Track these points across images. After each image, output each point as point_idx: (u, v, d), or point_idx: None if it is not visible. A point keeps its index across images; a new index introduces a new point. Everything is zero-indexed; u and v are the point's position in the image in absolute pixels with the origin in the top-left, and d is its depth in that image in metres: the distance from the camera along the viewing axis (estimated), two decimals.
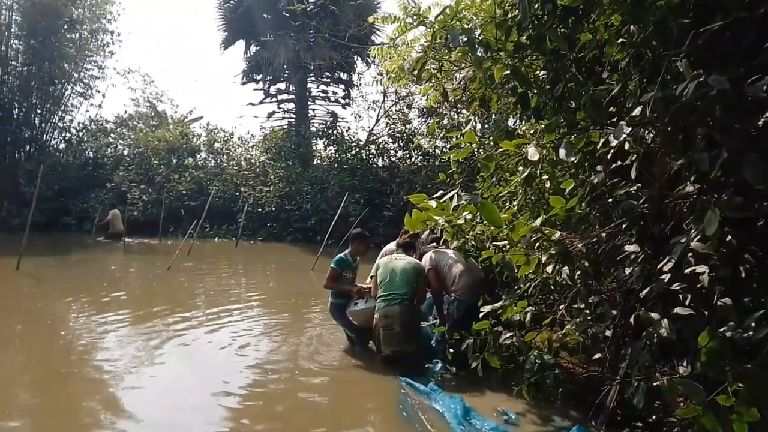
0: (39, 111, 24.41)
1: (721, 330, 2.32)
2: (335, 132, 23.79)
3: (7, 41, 23.01)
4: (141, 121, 27.24)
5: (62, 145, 25.56)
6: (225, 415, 4.07)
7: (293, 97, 25.42)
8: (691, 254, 2.80)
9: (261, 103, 25.73)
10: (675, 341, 3.07)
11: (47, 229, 19.83)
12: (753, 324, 2.27)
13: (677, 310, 2.80)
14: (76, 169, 23.65)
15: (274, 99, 25.69)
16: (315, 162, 23.36)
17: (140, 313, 7.56)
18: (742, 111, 2.53)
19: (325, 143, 23.82)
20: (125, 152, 25.15)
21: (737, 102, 2.50)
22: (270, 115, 25.70)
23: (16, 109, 23.89)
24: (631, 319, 3.58)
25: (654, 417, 3.84)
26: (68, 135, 25.80)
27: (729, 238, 2.63)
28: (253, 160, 24.30)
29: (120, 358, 5.34)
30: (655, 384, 2.94)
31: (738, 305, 2.56)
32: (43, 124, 24.80)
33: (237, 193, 22.02)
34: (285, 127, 25.29)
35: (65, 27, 23.66)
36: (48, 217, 20.89)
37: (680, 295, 2.89)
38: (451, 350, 4.93)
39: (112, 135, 26.11)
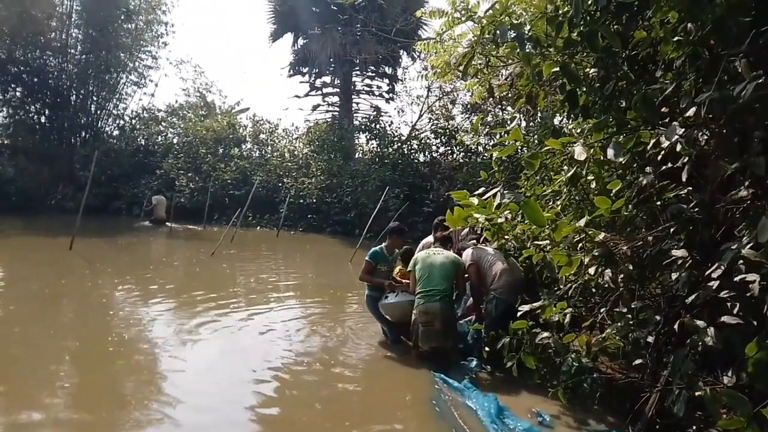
0: (95, 98, 25.43)
1: None
2: (378, 126, 23.85)
3: (67, 30, 24.04)
4: (190, 111, 28.01)
5: (116, 132, 26.60)
6: (257, 402, 4.18)
7: (338, 90, 25.64)
8: (741, 261, 2.70)
9: (306, 95, 26.06)
10: (720, 350, 2.98)
11: (99, 212, 20.67)
12: None
13: (725, 318, 2.71)
14: (128, 155, 24.55)
15: (319, 92, 25.97)
16: (357, 155, 23.50)
17: (183, 297, 7.82)
18: None
19: (368, 137, 23.92)
20: (174, 140, 25.93)
21: None
22: (314, 107, 26.00)
23: (74, 96, 24.94)
24: (675, 326, 3.48)
25: (694, 427, 3.73)
26: (122, 122, 26.82)
27: None
28: (296, 152, 24.65)
29: (162, 340, 5.56)
30: (697, 393, 2.86)
31: None
32: (98, 111, 25.83)
33: (280, 184, 22.38)
34: (328, 120, 25.54)
35: (122, 17, 24.51)
36: (100, 201, 21.73)
37: (728, 303, 2.80)
38: (486, 348, 4.91)
39: (162, 123, 26.97)
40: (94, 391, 4.29)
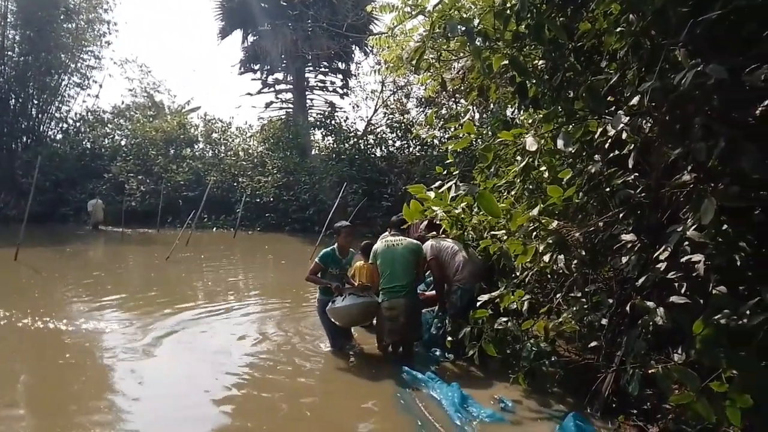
0: (36, 101, 24.35)
1: (716, 318, 2.35)
2: (333, 122, 23.74)
3: (3, 31, 22.89)
4: (138, 112, 27.14)
5: (59, 136, 25.55)
6: (222, 406, 4.09)
7: (291, 87, 25.35)
8: (687, 243, 2.82)
9: (259, 93, 25.66)
10: (670, 329, 3.11)
11: (45, 219, 19.82)
12: (747, 312, 2.29)
13: (673, 298, 2.82)
14: (73, 159, 23.58)
15: (272, 89, 25.62)
16: (313, 152, 23.31)
17: (138, 303, 7.58)
18: (739, 100, 2.53)
19: (323, 133, 23.79)
20: (122, 143, 25.07)
21: (735, 91, 2.50)
22: (268, 105, 25.63)
23: (13, 100, 23.81)
24: (627, 308, 3.61)
25: (648, 404, 3.88)
26: (65, 125, 25.77)
27: (725, 227, 2.65)
28: (251, 151, 24.24)
29: (115, 348, 5.37)
30: (650, 371, 2.97)
31: (733, 293, 2.58)
32: (39, 115, 24.74)
33: (235, 184, 22.00)
34: (283, 117, 25.22)
35: (62, 17, 23.52)
36: (45, 208, 20.88)
37: (676, 284, 2.92)
38: (449, 338, 4.96)
39: (109, 125, 26.02)
40: (47, 403, 4.09)
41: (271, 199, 20.66)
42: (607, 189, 3.86)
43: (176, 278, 10.43)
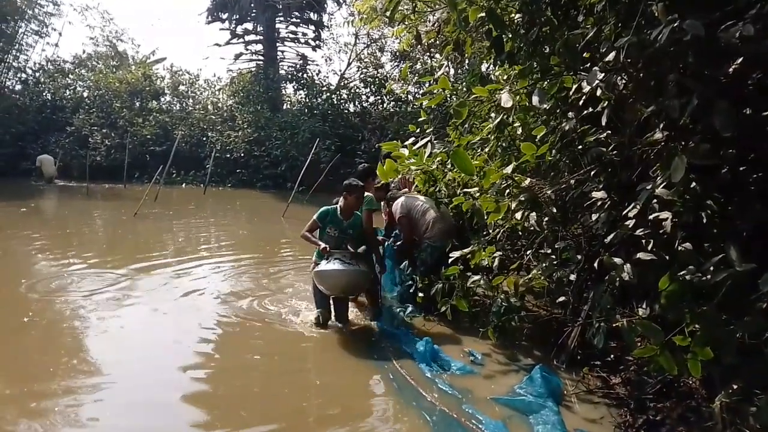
0: None
1: (681, 274, 2.40)
2: (305, 75, 23.21)
3: None
4: (101, 62, 25.96)
5: (18, 87, 24.22)
6: (194, 364, 4.08)
7: (261, 38, 24.51)
8: (655, 201, 2.85)
9: (227, 44, 24.78)
10: (636, 285, 3.18)
11: (5, 175, 19.11)
12: (711, 268, 2.35)
13: (640, 255, 2.87)
14: (33, 112, 22.55)
15: (241, 40, 24.74)
16: (285, 107, 22.85)
17: (106, 260, 7.43)
18: (714, 58, 2.52)
19: (295, 87, 23.29)
20: (85, 94, 24.03)
21: (710, 48, 2.49)
22: (237, 56, 24.80)
23: None
24: (595, 264, 3.68)
25: (612, 356, 4.03)
26: (24, 76, 24.43)
27: (693, 185, 2.68)
28: (220, 104, 23.63)
29: (85, 306, 5.25)
30: (614, 325, 3.06)
31: (698, 250, 2.64)
32: None
33: (204, 138, 21.49)
34: (253, 69, 24.50)
35: None
36: (6, 163, 20.14)
37: (643, 241, 2.97)
38: (420, 294, 5.02)
39: (70, 76, 24.84)
40: (14, 369, 3.96)
41: (242, 155, 20.29)
42: (580, 147, 3.86)
43: (145, 234, 10.25)
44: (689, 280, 2.35)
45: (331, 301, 4.92)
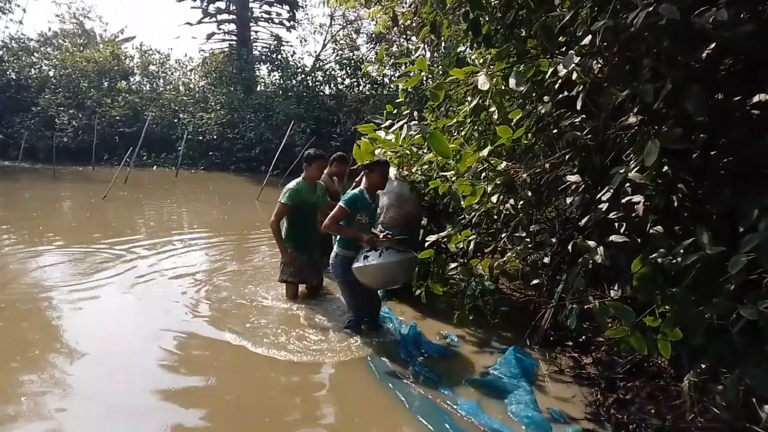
0: None
1: (653, 257, 2.44)
2: (279, 57, 22.82)
3: None
4: (67, 40, 25.12)
5: None
6: (167, 349, 4.02)
7: (234, 17, 23.97)
8: (628, 184, 2.89)
9: (199, 23, 24.19)
10: (608, 267, 3.24)
11: None
12: (681, 251, 2.40)
13: (612, 237, 2.92)
14: None
15: (214, 19, 24.17)
16: (258, 88, 22.46)
17: (74, 245, 7.23)
18: (688, 42, 2.54)
19: (269, 68, 22.89)
20: (51, 73, 23.25)
21: (684, 33, 2.51)
22: (209, 36, 24.27)
23: None
24: (569, 247, 3.73)
25: (584, 337, 4.11)
26: None
27: (665, 168, 2.72)
28: (192, 85, 23.15)
29: (53, 293, 5.11)
30: (587, 307, 3.11)
31: (669, 234, 2.69)
32: None
33: (175, 120, 21.07)
34: (226, 50, 24.00)
35: None
36: None
37: (616, 224, 3.01)
38: None
39: (35, 54, 23.97)
40: None
41: (215, 137, 19.96)
42: (555, 131, 3.89)
43: (116, 218, 10.02)
44: (660, 263, 2.40)
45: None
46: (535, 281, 4.15)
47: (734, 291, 2.32)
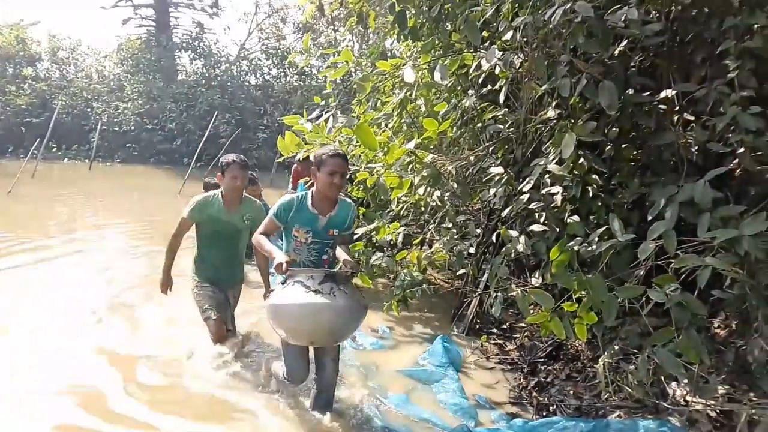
0: None
1: (570, 244, 2.55)
2: (202, 44, 21.96)
3: None
4: None
5: None
6: (86, 345, 3.77)
7: (152, 2, 22.78)
8: (548, 176, 3.01)
9: (114, 6, 22.77)
10: (530, 255, 3.36)
11: None
12: (596, 239, 2.52)
13: (533, 227, 3.03)
14: None
15: (130, 3, 22.83)
16: (179, 77, 21.53)
17: None
18: (602, 39, 2.66)
19: (191, 56, 21.98)
20: None
21: (598, 30, 2.62)
22: (125, 21, 22.89)
23: None
24: (493, 237, 3.84)
25: (507, 324, 4.26)
26: None
27: (581, 160, 2.85)
28: (106, 73, 21.83)
29: None
30: (510, 294, 3.22)
31: (585, 222, 2.82)
32: None
33: (88, 110, 19.83)
34: (143, 36, 22.78)
35: None
36: None
37: (536, 214, 3.13)
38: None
39: None
40: None
41: (132, 128, 18.96)
42: (479, 124, 3.98)
43: (22, 215, 9.25)
44: (577, 251, 2.51)
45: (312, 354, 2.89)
46: (461, 271, 4.25)
47: (644, 276, 2.47)
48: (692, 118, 2.71)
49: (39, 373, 3.29)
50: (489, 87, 3.87)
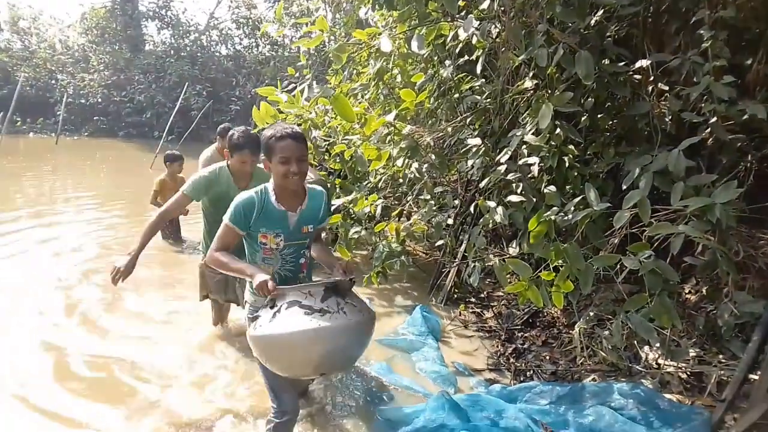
0: None
1: (547, 214, 2.59)
2: (169, 13, 21.24)
3: None
4: None
5: None
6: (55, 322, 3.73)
7: None
8: (525, 146, 3.02)
9: None
10: (507, 226, 3.40)
11: None
12: (572, 208, 2.56)
13: (510, 197, 3.06)
14: None
15: None
16: (147, 47, 20.84)
17: None
18: (578, 9, 2.66)
19: (158, 26, 21.27)
20: None
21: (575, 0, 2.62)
22: None
23: None
24: (471, 208, 3.87)
25: (485, 293, 4.33)
26: None
27: (558, 131, 2.87)
28: (70, 43, 20.99)
29: None
30: (488, 264, 3.26)
31: (561, 192, 2.86)
32: None
33: (53, 82, 19.14)
34: (108, 5, 21.89)
35: None
36: None
37: (514, 185, 3.16)
38: None
39: None
40: None
41: (100, 100, 18.40)
42: (456, 95, 3.96)
43: None
44: (553, 220, 2.54)
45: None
46: (439, 242, 4.28)
47: (618, 244, 2.53)
48: (666, 88, 2.74)
49: None
50: (466, 57, 3.85)
